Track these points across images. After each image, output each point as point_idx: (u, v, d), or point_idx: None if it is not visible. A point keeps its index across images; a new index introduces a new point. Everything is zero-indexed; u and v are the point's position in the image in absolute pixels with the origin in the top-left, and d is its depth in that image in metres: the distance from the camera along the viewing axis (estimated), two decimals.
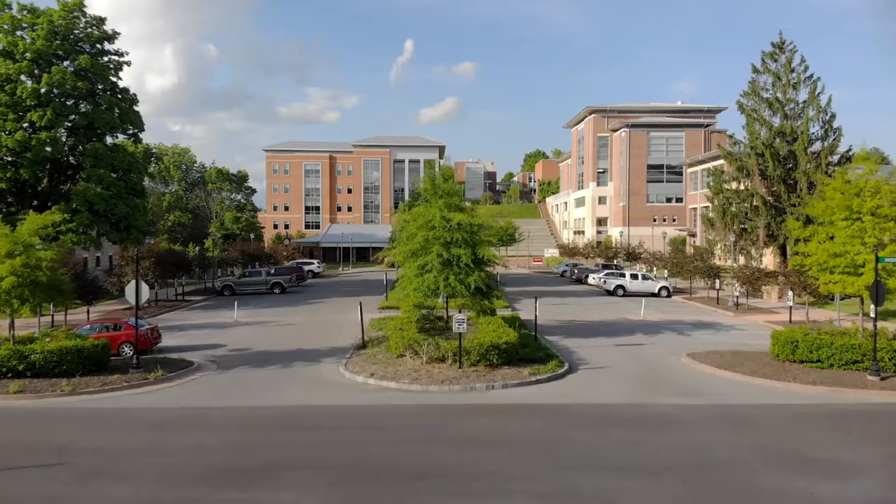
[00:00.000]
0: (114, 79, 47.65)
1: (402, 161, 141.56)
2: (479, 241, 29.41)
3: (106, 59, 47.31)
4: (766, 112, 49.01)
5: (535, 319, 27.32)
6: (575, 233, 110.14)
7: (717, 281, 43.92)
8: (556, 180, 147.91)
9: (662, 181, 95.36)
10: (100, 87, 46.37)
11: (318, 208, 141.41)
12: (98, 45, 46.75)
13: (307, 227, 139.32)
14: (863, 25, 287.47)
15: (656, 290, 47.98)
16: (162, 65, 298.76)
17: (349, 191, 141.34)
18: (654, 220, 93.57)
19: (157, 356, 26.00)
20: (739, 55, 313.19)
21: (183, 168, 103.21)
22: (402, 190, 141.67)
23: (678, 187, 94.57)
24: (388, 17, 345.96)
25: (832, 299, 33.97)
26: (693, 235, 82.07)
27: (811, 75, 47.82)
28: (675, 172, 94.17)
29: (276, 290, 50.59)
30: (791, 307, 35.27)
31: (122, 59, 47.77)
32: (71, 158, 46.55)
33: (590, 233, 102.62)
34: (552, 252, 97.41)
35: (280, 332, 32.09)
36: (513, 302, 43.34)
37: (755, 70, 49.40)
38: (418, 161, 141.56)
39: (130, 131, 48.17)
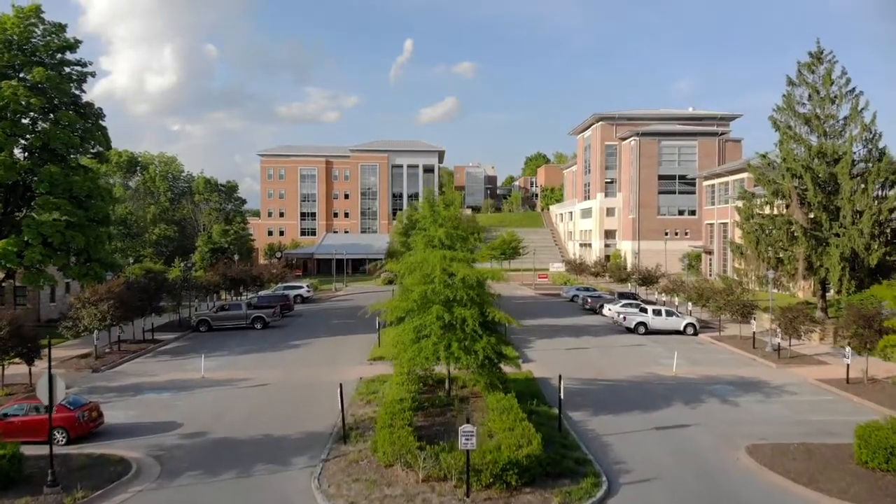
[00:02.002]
0: (77, 92, 42.60)
1: (401, 166, 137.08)
2: (488, 298, 24.56)
3: (68, 69, 42.25)
4: (802, 129, 44.12)
5: (560, 402, 22.25)
6: (581, 245, 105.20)
7: (753, 321, 39.00)
8: (560, 187, 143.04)
9: (674, 192, 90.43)
10: (61, 101, 41.27)
11: (314, 214, 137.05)
12: (59, 55, 41.66)
13: (303, 233, 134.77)
14: (863, 25, 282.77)
15: (681, 328, 43.03)
16: (161, 65, 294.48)
17: (346, 196, 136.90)
18: (666, 234, 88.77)
19: (93, 450, 21.09)
20: (740, 55, 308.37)
21: (170, 178, 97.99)
22: (401, 195, 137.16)
23: (691, 199, 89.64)
24: (387, 18, 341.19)
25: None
26: (710, 253, 77.15)
27: (853, 89, 42.97)
28: (688, 183, 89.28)
29: (258, 326, 45.57)
30: (848, 364, 30.24)
31: (85, 70, 42.64)
32: (31, 182, 41.51)
33: (597, 245, 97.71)
34: (557, 266, 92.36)
35: (249, 402, 27.05)
36: (523, 344, 38.41)
37: (790, 82, 44.53)
38: (417, 166, 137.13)
39: (95, 150, 43.12)
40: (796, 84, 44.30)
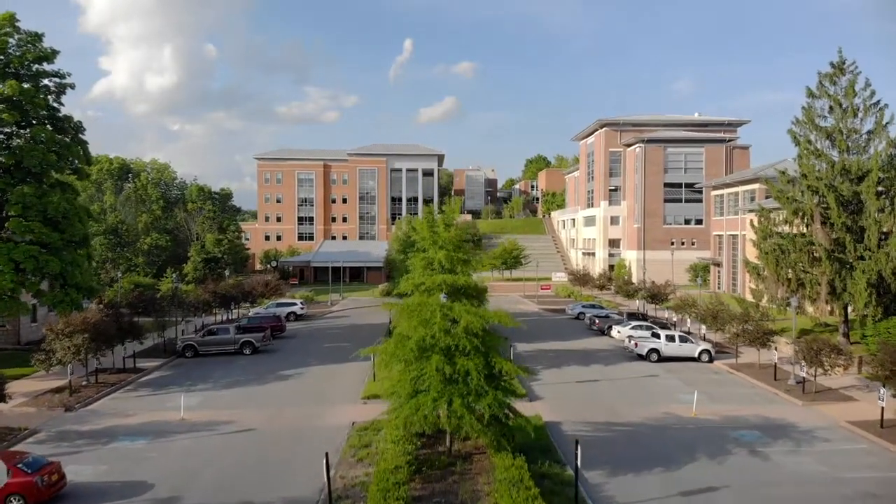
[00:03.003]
0: (55, 104, 40.18)
1: (400, 170, 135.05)
2: (495, 343, 22.14)
3: (46, 81, 39.79)
4: (823, 143, 41.68)
5: (577, 471, 19.68)
6: (584, 253, 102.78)
7: (775, 352, 36.54)
8: (562, 192, 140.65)
9: (681, 201, 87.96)
10: (37, 115, 38.77)
11: (311, 219, 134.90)
12: (35, 66, 39.14)
13: (300, 238, 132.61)
14: (864, 26, 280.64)
15: (696, 355, 40.62)
16: (161, 65, 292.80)
17: (344, 201, 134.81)
18: (672, 244, 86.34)
19: None
20: (740, 55, 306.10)
21: (162, 185, 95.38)
22: (400, 199, 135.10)
23: (698, 208, 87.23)
24: (387, 18, 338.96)
25: None
26: (718, 265, 74.73)
27: (877, 101, 40.55)
28: (695, 191, 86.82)
29: (247, 351, 43.05)
30: (883, 407, 27.82)
31: (63, 82, 40.17)
32: (4, 202, 39.01)
33: (601, 255, 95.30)
34: (560, 276, 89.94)
35: (230, 454, 24.53)
36: (530, 376, 35.76)
37: (810, 94, 42.09)
38: (416, 170, 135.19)
39: (73, 166, 40.60)
40: (816, 96, 41.85)
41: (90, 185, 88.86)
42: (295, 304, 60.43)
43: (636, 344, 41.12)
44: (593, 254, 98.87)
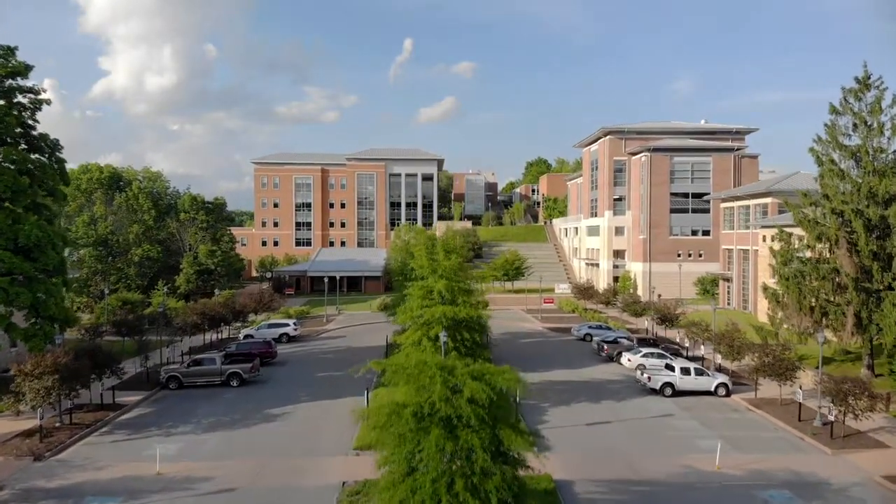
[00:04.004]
0: (30, 122, 37.71)
1: (399, 175, 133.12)
2: (504, 411, 19.60)
3: (20, 97, 37.31)
4: (847, 164, 39.27)
5: None
6: (588, 264, 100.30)
7: (800, 390, 34.04)
8: (564, 197, 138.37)
9: (688, 211, 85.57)
10: (12, 133, 36.29)
11: (309, 224, 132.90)
12: (8, 82, 36.66)
13: (298, 243, 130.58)
14: (863, 26, 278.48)
15: (712, 388, 38.16)
16: (161, 64, 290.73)
17: (342, 205, 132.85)
18: (679, 255, 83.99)
19: None
20: (739, 56, 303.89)
21: (154, 195, 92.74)
22: (399, 204, 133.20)
23: (705, 218, 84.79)
24: (387, 18, 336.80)
25: None
26: (728, 280, 72.27)
27: None
28: (703, 201, 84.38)
29: (234, 383, 40.47)
30: None
31: (39, 98, 37.68)
32: None
33: (605, 266, 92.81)
34: (563, 288, 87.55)
35: None
36: (536, 415, 33.36)
37: (833, 110, 39.69)
38: (415, 174, 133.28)
39: (48, 187, 38.04)
40: (840, 112, 39.45)
41: (80, 195, 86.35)
42: (287, 324, 57.77)
43: (649, 378, 38.61)
44: (597, 264, 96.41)
